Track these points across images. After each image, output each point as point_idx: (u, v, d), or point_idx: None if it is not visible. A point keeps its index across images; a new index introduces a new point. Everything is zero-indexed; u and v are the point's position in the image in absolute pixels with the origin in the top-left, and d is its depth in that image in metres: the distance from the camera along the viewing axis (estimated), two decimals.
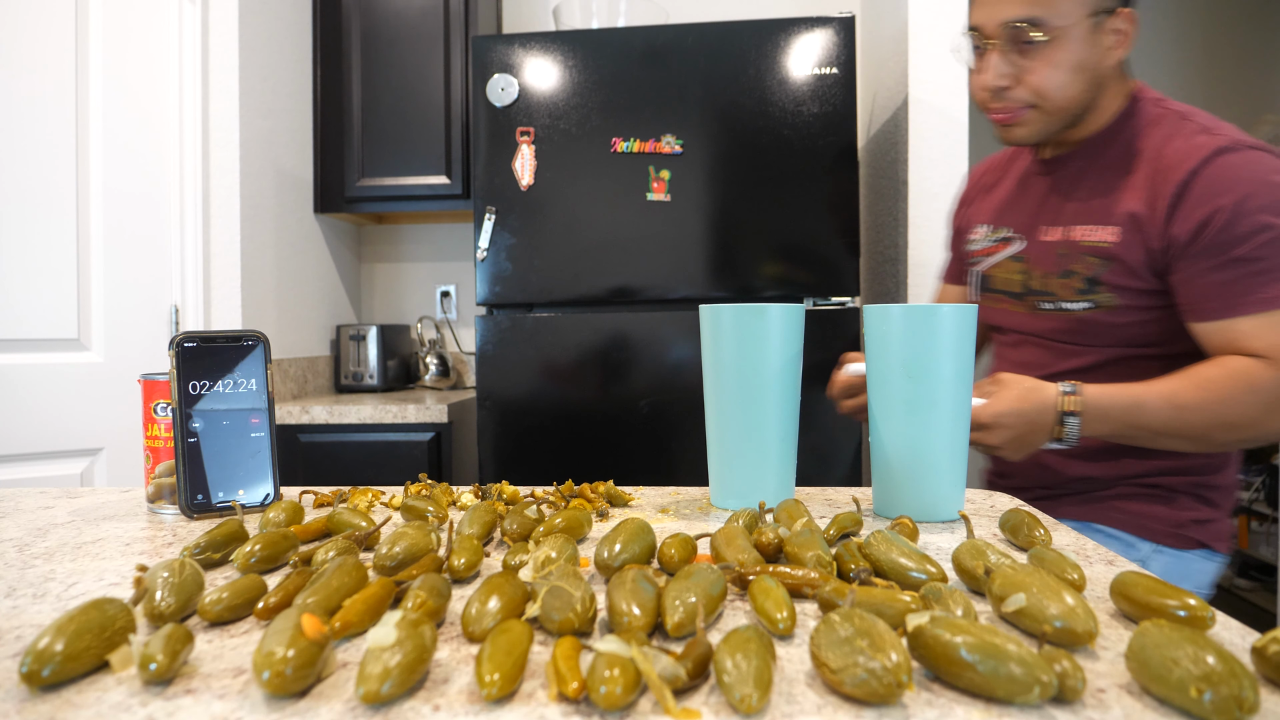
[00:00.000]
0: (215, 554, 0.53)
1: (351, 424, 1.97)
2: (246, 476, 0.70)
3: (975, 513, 0.69)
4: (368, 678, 0.32)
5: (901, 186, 1.89)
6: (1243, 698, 0.30)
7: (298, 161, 2.26)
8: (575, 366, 1.78)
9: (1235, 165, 0.87)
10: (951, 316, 0.64)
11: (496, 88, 1.82)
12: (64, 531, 0.64)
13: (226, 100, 1.94)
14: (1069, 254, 0.99)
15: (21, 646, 0.40)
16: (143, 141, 1.79)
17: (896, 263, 1.94)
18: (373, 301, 2.66)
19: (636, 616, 0.38)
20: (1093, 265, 0.96)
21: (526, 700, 0.33)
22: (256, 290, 2.04)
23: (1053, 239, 1.02)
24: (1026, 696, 0.32)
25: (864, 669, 0.32)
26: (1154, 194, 0.91)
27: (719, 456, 0.71)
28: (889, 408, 0.67)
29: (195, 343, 0.68)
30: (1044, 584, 0.39)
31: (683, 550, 0.50)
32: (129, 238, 1.76)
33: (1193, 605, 0.39)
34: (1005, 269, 1.08)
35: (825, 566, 0.47)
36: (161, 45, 1.84)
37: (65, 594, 0.48)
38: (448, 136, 2.23)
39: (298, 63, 2.25)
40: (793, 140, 1.76)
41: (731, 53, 1.77)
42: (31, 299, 1.61)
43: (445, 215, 2.47)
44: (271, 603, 0.42)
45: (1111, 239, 0.94)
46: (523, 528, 0.57)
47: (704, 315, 0.71)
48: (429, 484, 0.74)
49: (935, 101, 1.80)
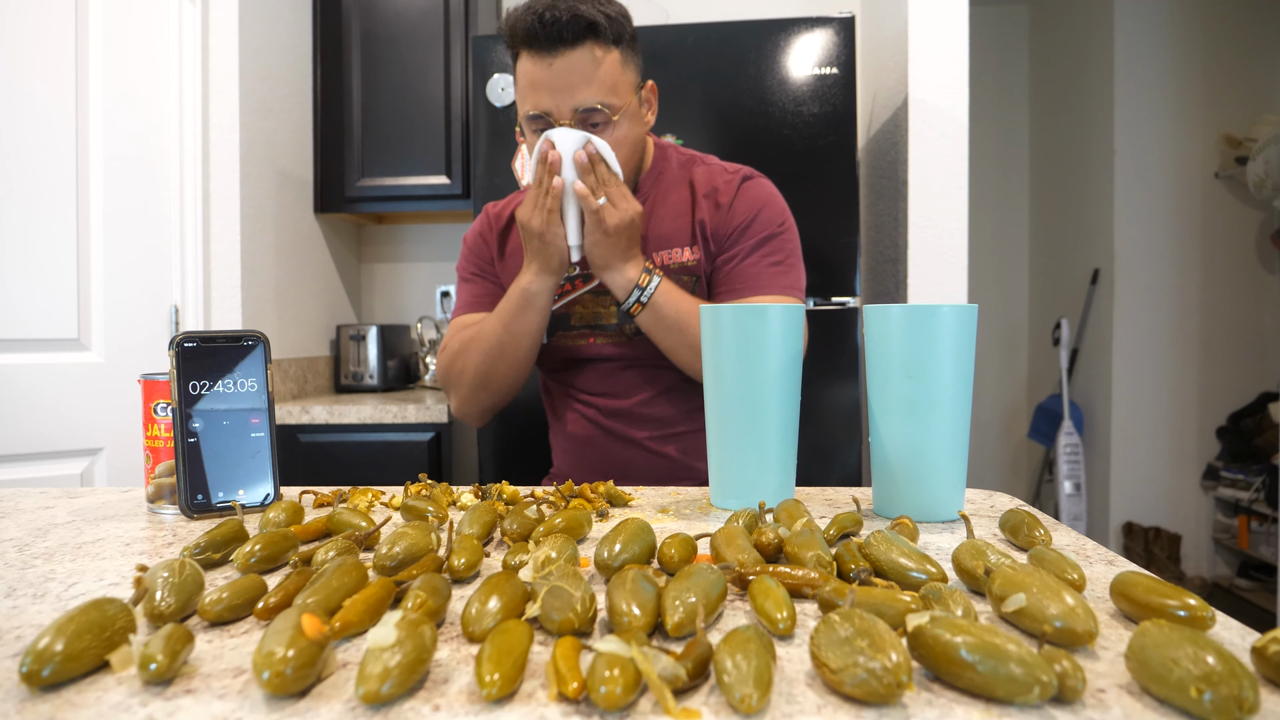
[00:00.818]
0: (215, 554, 0.53)
1: (351, 424, 1.97)
2: (246, 476, 0.70)
3: (975, 513, 0.69)
4: (368, 678, 0.32)
5: (901, 186, 1.89)
6: (1243, 698, 0.30)
7: (298, 161, 2.26)
8: None
9: (758, 185, 1.12)
10: (951, 316, 0.64)
11: (496, 88, 1.82)
12: (64, 531, 0.64)
13: (226, 100, 1.94)
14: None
15: (21, 646, 0.40)
16: (143, 142, 1.79)
17: (896, 263, 1.94)
18: (373, 301, 2.66)
19: (636, 616, 0.38)
20: (686, 284, 1.10)
21: (526, 700, 0.33)
22: (256, 290, 2.04)
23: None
24: (1026, 696, 0.32)
25: (864, 669, 0.32)
26: (714, 207, 1.10)
27: (719, 456, 0.71)
28: (889, 408, 0.67)
29: (195, 343, 0.68)
30: (1044, 584, 0.39)
31: (683, 550, 0.50)
32: (129, 238, 1.76)
33: (1193, 605, 0.39)
34: (587, 305, 1.13)
35: (825, 566, 0.47)
36: (161, 45, 1.84)
37: (65, 594, 0.48)
38: (448, 136, 2.23)
39: (298, 63, 2.25)
40: (793, 140, 1.76)
41: (731, 53, 1.77)
42: (31, 299, 1.61)
43: (445, 215, 2.47)
44: (271, 603, 0.42)
45: (693, 256, 1.10)
46: (523, 528, 0.57)
47: (704, 315, 0.71)
48: (429, 484, 0.74)
49: (935, 101, 1.80)
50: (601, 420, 1.15)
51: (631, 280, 1.02)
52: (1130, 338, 3.17)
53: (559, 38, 0.96)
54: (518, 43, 0.99)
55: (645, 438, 1.13)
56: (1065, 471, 3.06)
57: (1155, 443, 3.17)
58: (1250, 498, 2.86)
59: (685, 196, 1.12)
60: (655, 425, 1.13)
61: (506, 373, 1.09)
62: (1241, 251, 3.16)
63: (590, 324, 1.13)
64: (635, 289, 1.02)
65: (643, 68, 1.08)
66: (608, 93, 0.99)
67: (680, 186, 1.13)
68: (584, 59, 0.97)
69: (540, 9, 0.96)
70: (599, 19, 0.96)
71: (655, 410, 1.13)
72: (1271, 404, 2.99)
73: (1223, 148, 3.13)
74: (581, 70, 0.97)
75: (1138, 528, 3.15)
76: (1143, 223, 3.15)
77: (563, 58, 0.97)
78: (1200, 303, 3.17)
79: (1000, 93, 3.67)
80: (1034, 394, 3.65)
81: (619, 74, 1.00)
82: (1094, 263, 3.26)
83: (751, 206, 1.10)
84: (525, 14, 0.97)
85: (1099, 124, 3.23)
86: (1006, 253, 3.73)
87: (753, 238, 1.09)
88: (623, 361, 1.13)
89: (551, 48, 0.96)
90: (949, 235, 1.81)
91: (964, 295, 1.82)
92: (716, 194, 1.11)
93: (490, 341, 1.07)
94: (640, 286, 1.02)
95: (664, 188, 1.13)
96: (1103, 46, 3.19)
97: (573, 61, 0.97)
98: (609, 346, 1.13)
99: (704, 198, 1.11)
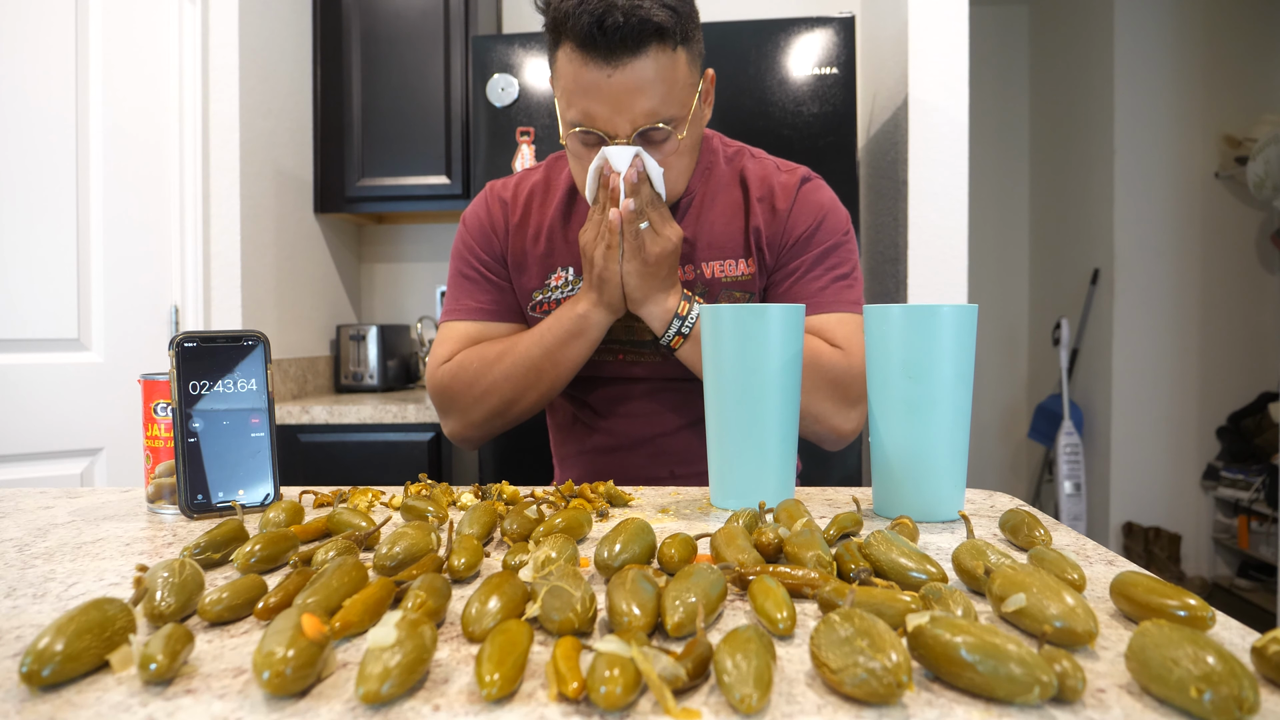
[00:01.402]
0: (215, 554, 0.53)
1: (351, 424, 1.97)
2: (246, 476, 0.70)
3: (975, 513, 0.69)
4: (368, 678, 0.32)
5: (901, 186, 1.89)
6: (1243, 698, 0.30)
7: (298, 161, 2.26)
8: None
9: (818, 188, 1.00)
10: (951, 316, 0.64)
11: (496, 88, 1.82)
12: (64, 531, 0.64)
13: (226, 100, 1.94)
14: (709, 291, 0.98)
15: (21, 646, 0.40)
16: (143, 141, 1.79)
17: (896, 263, 1.94)
18: (373, 301, 2.66)
19: (636, 616, 0.38)
20: (740, 300, 0.97)
21: (526, 700, 0.33)
22: (256, 290, 2.04)
23: (685, 278, 0.99)
24: (1026, 696, 0.32)
25: (864, 669, 0.32)
26: (770, 212, 0.98)
27: (719, 456, 0.71)
28: (889, 408, 0.67)
29: (195, 343, 0.68)
30: (1044, 584, 0.39)
31: (683, 550, 0.50)
32: (129, 238, 1.76)
33: (1193, 605, 0.39)
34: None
35: (825, 566, 0.47)
36: (161, 45, 1.84)
37: (65, 594, 0.48)
38: (448, 136, 2.23)
39: (298, 63, 2.25)
40: (793, 140, 1.76)
41: (731, 53, 1.77)
42: (31, 299, 1.61)
43: (445, 215, 2.47)
44: (271, 603, 0.42)
45: (748, 270, 0.98)
46: (523, 528, 0.57)
47: (704, 315, 0.71)
48: (429, 484, 0.74)
49: (935, 101, 1.80)
50: (616, 448, 1.03)
51: (670, 310, 0.90)
52: (1130, 338, 3.17)
53: (620, 45, 0.80)
54: (565, 35, 0.83)
55: (665, 476, 1.02)
56: (1065, 471, 3.06)
57: (1155, 443, 3.17)
58: (1250, 498, 2.86)
59: (737, 198, 0.99)
60: (678, 460, 1.01)
61: (535, 402, 0.96)
62: (1241, 251, 3.16)
63: (621, 338, 0.99)
64: (675, 319, 0.90)
65: (704, 53, 0.93)
66: (673, 104, 0.86)
67: (731, 186, 1.00)
68: (647, 69, 0.82)
69: (599, 9, 0.79)
70: (666, 20, 0.81)
71: (681, 444, 1.01)
72: (1271, 404, 2.99)
73: (1223, 148, 3.13)
74: (643, 84, 0.83)
75: (1138, 528, 3.15)
76: (1143, 223, 3.15)
77: (623, 69, 0.82)
78: (1200, 303, 3.17)
79: (1000, 93, 3.67)
80: (1034, 394, 3.65)
81: (685, 79, 0.86)
82: (1094, 263, 3.27)
83: (815, 214, 0.97)
84: (579, 10, 0.80)
85: (1099, 124, 3.23)
86: (1006, 253, 3.73)
87: (816, 248, 0.97)
88: (651, 384, 1.00)
89: (611, 56, 0.81)
90: (949, 235, 1.81)
91: (964, 295, 1.82)
92: (773, 197, 0.98)
93: (527, 367, 0.94)
94: (680, 316, 0.90)
95: (714, 187, 1.00)
96: (1103, 46, 3.19)
97: (634, 73, 0.82)
98: (638, 366, 1.00)
99: (759, 201, 0.98)
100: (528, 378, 0.94)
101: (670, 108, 0.86)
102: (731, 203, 0.99)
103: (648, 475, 1.02)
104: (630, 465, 1.03)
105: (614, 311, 0.92)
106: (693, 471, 1.02)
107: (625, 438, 1.03)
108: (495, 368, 0.96)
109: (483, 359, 0.97)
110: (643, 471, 1.02)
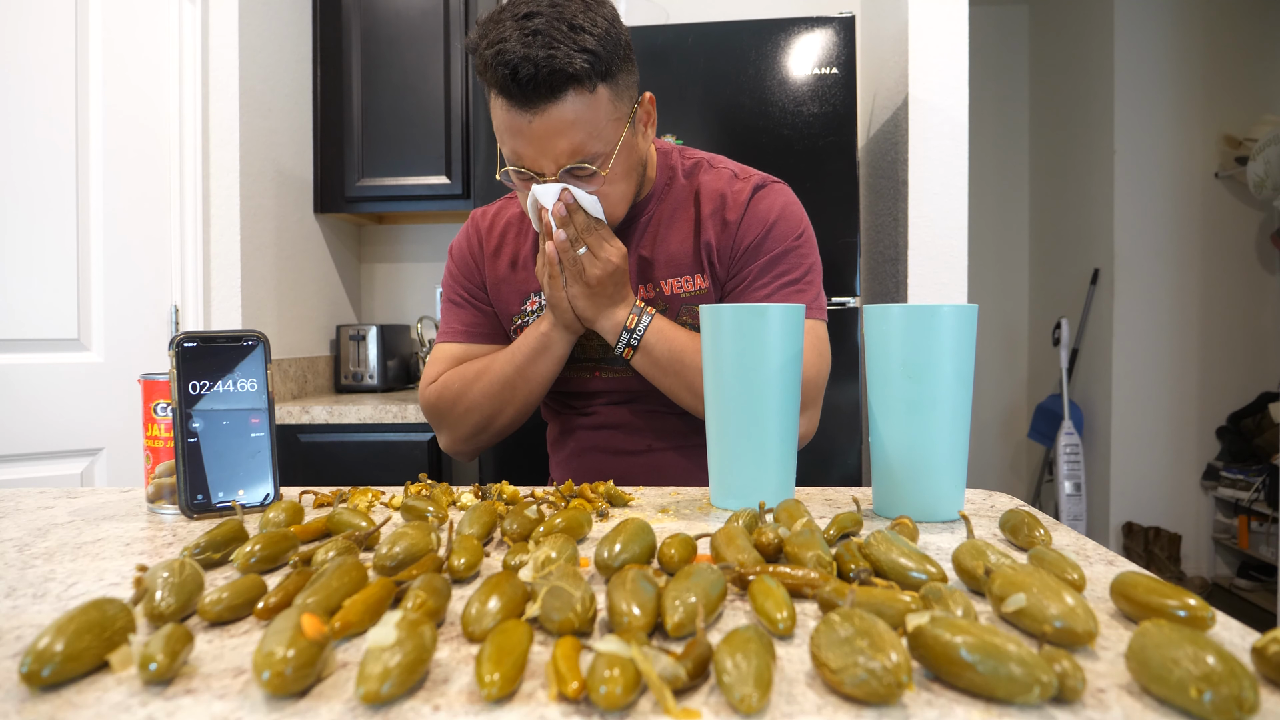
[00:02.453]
0: (215, 554, 0.53)
1: (351, 424, 1.97)
2: (246, 476, 0.70)
3: (975, 513, 0.69)
4: (368, 678, 0.32)
5: (901, 186, 1.89)
6: (1243, 698, 0.30)
7: (298, 161, 2.26)
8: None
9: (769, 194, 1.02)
10: (951, 316, 0.64)
11: None
12: (64, 531, 0.64)
13: (226, 100, 1.94)
14: (669, 309, 1.01)
15: (21, 646, 0.40)
16: (143, 141, 1.79)
17: (896, 263, 1.94)
18: (373, 301, 2.66)
19: (636, 616, 0.38)
20: (696, 314, 1.00)
21: (526, 700, 0.33)
22: (256, 290, 2.04)
23: (645, 295, 1.02)
24: (1026, 696, 0.32)
25: (864, 669, 0.32)
26: (720, 225, 1.01)
27: (719, 456, 0.71)
28: (889, 408, 0.67)
29: (195, 343, 0.68)
30: (1044, 584, 0.39)
31: (683, 550, 0.50)
32: (129, 238, 1.76)
33: (1193, 605, 0.39)
34: (591, 336, 1.03)
35: (825, 566, 0.47)
36: (161, 45, 1.84)
37: (65, 594, 0.48)
38: (448, 136, 2.23)
39: (298, 63, 2.25)
40: (793, 140, 1.76)
41: (731, 53, 1.77)
42: (31, 299, 1.61)
43: (445, 215, 2.47)
44: (271, 603, 0.42)
45: (703, 284, 1.01)
46: (523, 528, 0.57)
47: (704, 315, 0.71)
48: (429, 484, 0.74)
49: (935, 101, 1.80)
50: (607, 449, 1.07)
51: (619, 324, 0.95)
52: (1130, 338, 3.17)
53: (535, 94, 0.83)
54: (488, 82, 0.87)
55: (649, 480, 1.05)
56: (1065, 471, 3.06)
57: (1155, 443, 3.17)
58: (1250, 498, 2.86)
59: (692, 215, 1.02)
60: (660, 474, 1.05)
61: (514, 416, 1.02)
62: (1241, 251, 3.16)
63: (595, 357, 1.05)
64: (624, 332, 0.95)
65: (639, 80, 0.96)
66: (595, 141, 0.88)
67: (687, 203, 1.03)
68: (565, 113, 0.85)
69: (513, 60, 0.81)
70: (579, 68, 0.83)
71: (657, 461, 1.05)
72: (1271, 404, 2.99)
73: (1223, 148, 3.13)
74: (562, 127, 0.85)
75: (1138, 528, 3.15)
76: (1143, 223, 3.15)
77: (542, 115, 0.85)
78: (1200, 303, 3.17)
79: (1000, 93, 3.67)
80: (1034, 394, 3.65)
81: (608, 114, 0.88)
82: (1094, 263, 3.27)
83: (763, 221, 0.99)
84: (495, 62, 0.83)
85: (1099, 124, 3.23)
86: (1006, 253, 3.73)
87: (764, 256, 0.99)
88: (628, 396, 1.05)
89: (528, 104, 0.84)
90: (949, 235, 1.81)
91: (964, 295, 1.82)
92: (725, 209, 1.01)
93: (500, 383, 1.00)
94: (629, 329, 0.94)
95: (670, 206, 1.03)
96: (1103, 46, 3.19)
97: (552, 118, 0.85)
98: (614, 381, 1.05)
99: (710, 217, 1.01)
100: (503, 394, 1.01)
101: (593, 145, 0.88)
102: (687, 220, 1.03)
103: (624, 477, 1.05)
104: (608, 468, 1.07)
105: (571, 330, 0.97)
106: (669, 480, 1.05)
107: (607, 448, 1.07)
108: (475, 386, 1.02)
109: (464, 378, 1.04)
110: (623, 477, 1.05)
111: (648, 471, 1.05)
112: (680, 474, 1.04)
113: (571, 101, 0.85)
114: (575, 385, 1.07)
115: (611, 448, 1.07)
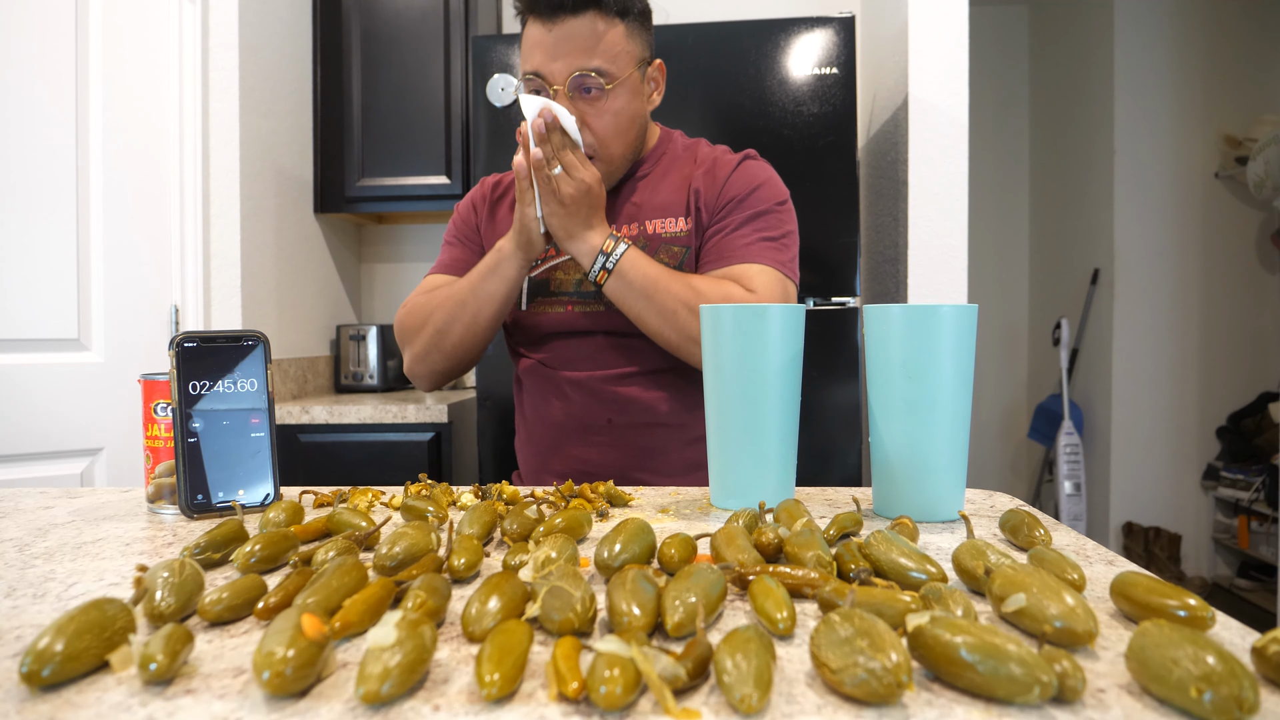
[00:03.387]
0: (215, 554, 0.53)
1: (351, 424, 1.97)
2: (246, 476, 0.70)
3: (975, 513, 0.69)
4: (368, 678, 0.32)
5: (901, 186, 1.89)
6: (1243, 698, 0.30)
7: (298, 161, 2.26)
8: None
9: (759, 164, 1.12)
10: (951, 316, 0.64)
11: (496, 88, 1.82)
12: (64, 531, 0.64)
13: (226, 100, 1.94)
14: (649, 246, 1.07)
15: (21, 646, 0.40)
16: (143, 142, 1.79)
17: (896, 263, 1.94)
18: (373, 301, 2.66)
19: (636, 616, 0.38)
20: (676, 255, 1.07)
21: (526, 700, 0.33)
22: (256, 290, 2.04)
23: (629, 234, 1.09)
24: (1026, 696, 0.32)
25: (864, 669, 0.32)
26: (710, 178, 1.08)
27: (719, 456, 0.71)
28: (889, 408, 0.67)
29: (195, 343, 0.68)
30: (1044, 584, 0.39)
31: (683, 550, 0.50)
32: (129, 238, 1.76)
33: (1193, 605, 0.39)
34: (569, 271, 1.09)
35: (825, 566, 0.47)
36: (161, 45, 1.84)
37: (65, 594, 0.48)
38: (448, 136, 2.23)
39: (298, 63, 2.25)
40: (793, 140, 1.76)
41: (731, 53, 1.77)
42: (31, 299, 1.61)
43: (445, 215, 2.47)
44: (271, 603, 0.42)
45: (685, 226, 1.07)
46: (523, 528, 0.57)
47: (704, 315, 0.71)
48: (429, 484, 0.74)
49: (935, 101, 1.80)
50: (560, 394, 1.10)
51: (595, 247, 0.98)
52: (1130, 338, 3.17)
53: (560, 5, 0.96)
54: (524, 7, 1.00)
55: (603, 424, 1.08)
56: (1065, 471, 3.06)
57: (1155, 443, 3.17)
58: (1250, 498, 2.86)
59: (687, 171, 1.10)
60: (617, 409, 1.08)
61: (462, 336, 1.06)
62: (1241, 251, 3.16)
63: (568, 290, 1.09)
64: (600, 255, 0.98)
65: (654, 46, 1.07)
66: (605, 60, 0.99)
67: (684, 164, 1.12)
68: (584, 27, 0.97)
69: None
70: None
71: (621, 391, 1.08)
72: (1271, 404, 2.99)
73: (1223, 148, 3.13)
74: (580, 38, 0.97)
75: (1138, 528, 3.15)
76: (1143, 223, 3.15)
77: (563, 24, 0.97)
78: (1200, 303, 3.17)
79: (1000, 93, 3.67)
80: (1034, 394, 3.65)
81: (621, 45, 1.00)
82: (1094, 263, 3.26)
83: (749, 182, 1.07)
84: None
85: (1099, 124, 3.23)
86: (1006, 253, 3.73)
87: (746, 210, 1.06)
88: (598, 336, 1.08)
89: (553, 14, 0.97)
90: (949, 235, 1.81)
91: (964, 295, 1.82)
92: (715, 166, 1.09)
93: (455, 300, 1.05)
94: (605, 253, 0.98)
95: (666, 164, 1.12)
96: (1103, 46, 3.19)
97: (572, 29, 0.97)
98: (582, 318, 1.08)
99: (703, 172, 1.09)
100: (454, 310, 1.06)
101: (604, 61, 0.99)
102: (681, 176, 1.11)
103: (585, 422, 1.09)
104: (571, 411, 1.10)
105: (527, 251, 1.01)
106: (631, 423, 1.08)
107: (569, 385, 1.10)
108: (433, 302, 1.09)
109: (429, 298, 1.10)
110: (581, 418, 1.09)
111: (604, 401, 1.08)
112: (651, 404, 1.07)
113: (590, 19, 0.97)
114: (546, 324, 1.10)
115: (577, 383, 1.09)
